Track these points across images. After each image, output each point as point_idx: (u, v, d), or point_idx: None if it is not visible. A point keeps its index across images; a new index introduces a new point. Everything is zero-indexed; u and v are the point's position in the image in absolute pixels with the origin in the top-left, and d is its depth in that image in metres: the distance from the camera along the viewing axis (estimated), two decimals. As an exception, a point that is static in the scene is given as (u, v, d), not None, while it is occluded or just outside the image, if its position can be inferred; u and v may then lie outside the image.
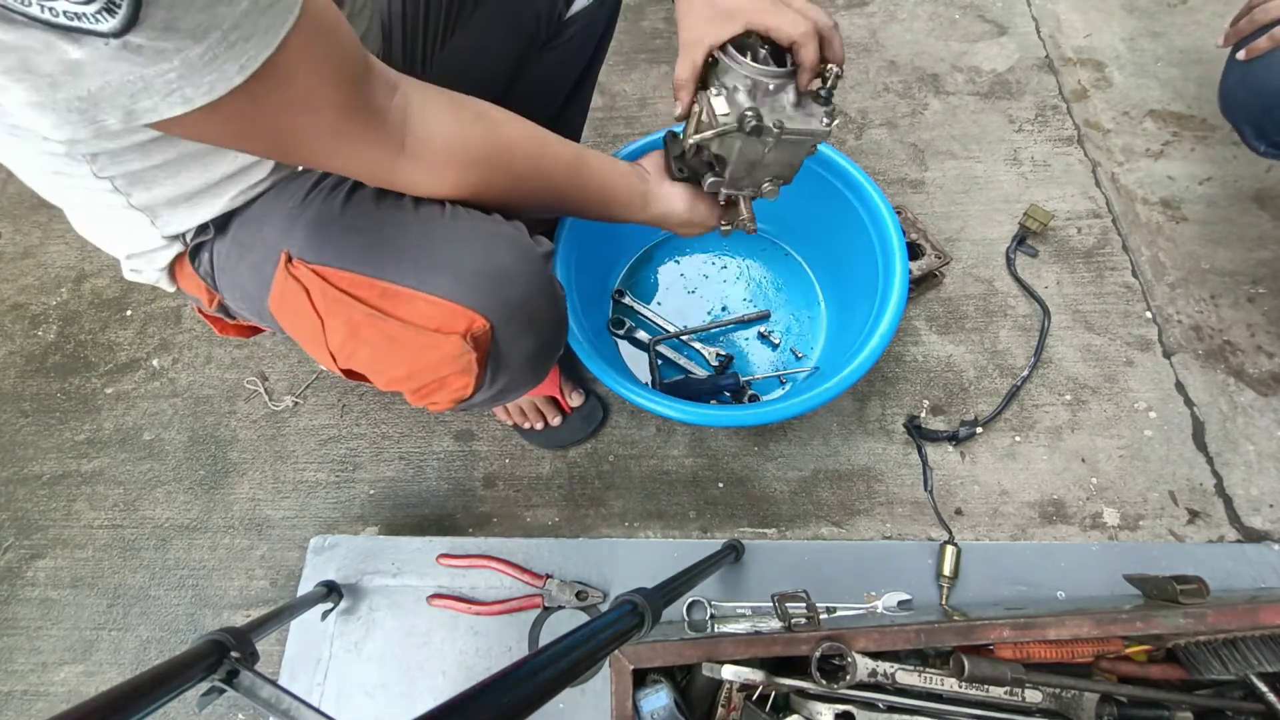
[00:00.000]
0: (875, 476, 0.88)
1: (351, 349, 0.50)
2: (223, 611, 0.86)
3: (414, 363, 0.49)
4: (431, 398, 0.52)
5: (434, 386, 0.51)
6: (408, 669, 0.79)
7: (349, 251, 0.49)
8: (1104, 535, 0.82)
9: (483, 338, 0.48)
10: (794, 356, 0.95)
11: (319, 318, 0.49)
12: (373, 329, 0.48)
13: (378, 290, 0.48)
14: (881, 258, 0.79)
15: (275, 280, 0.50)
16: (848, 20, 1.29)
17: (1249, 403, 0.88)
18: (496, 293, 0.48)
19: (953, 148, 1.12)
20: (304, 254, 0.49)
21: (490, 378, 0.52)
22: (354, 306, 0.48)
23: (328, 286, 0.48)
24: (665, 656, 0.55)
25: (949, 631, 0.54)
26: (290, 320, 0.52)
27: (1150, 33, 1.21)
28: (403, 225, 0.49)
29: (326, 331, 0.49)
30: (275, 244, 0.50)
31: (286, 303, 0.50)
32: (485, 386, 0.53)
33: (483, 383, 0.51)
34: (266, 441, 0.97)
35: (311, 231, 0.49)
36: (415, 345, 0.48)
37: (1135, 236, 1.01)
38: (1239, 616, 0.54)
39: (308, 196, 0.51)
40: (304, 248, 0.49)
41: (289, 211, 0.50)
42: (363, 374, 0.52)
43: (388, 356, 0.50)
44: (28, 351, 1.09)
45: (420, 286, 0.48)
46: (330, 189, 0.51)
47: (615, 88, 1.24)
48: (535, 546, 0.84)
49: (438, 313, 0.47)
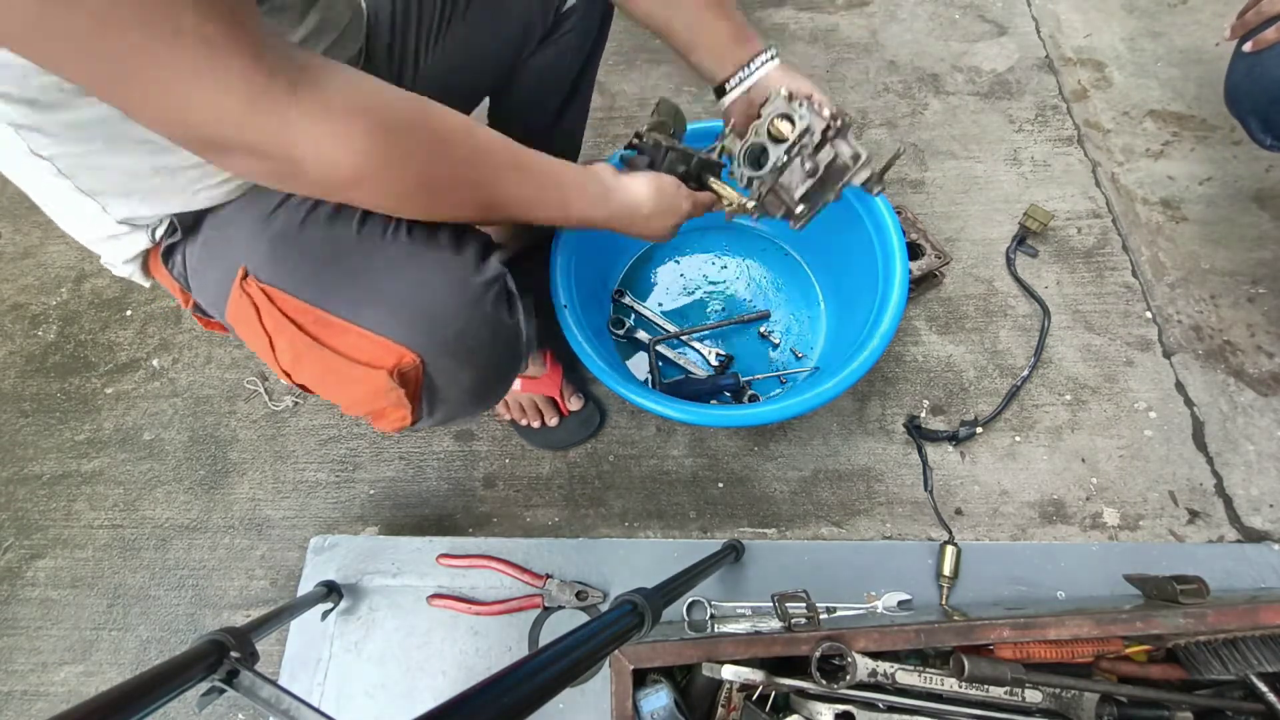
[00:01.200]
0: (875, 476, 0.88)
1: (298, 370, 0.50)
2: (223, 611, 0.86)
3: (349, 393, 0.49)
4: (378, 423, 0.52)
5: (374, 415, 0.51)
6: (408, 669, 0.79)
7: (298, 275, 0.48)
8: (1104, 535, 0.82)
9: (411, 373, 0.48)
10: (794, 356, 0.95)
11: (267, 335, 0.49)
12: (311, 357, 0.48)
13: (314, 318, 0.47)
14: (881, 258, 0.79)
15: (231, 292, 0.50)
16: (848, 20, 1.29)
17: (1249, 403, 0.88)
18: (427, 328, 0.48)
19: (953, 148, 1.12)
20: (259, 271, 0.48)
21: (427, 409, 0.52)
22: (294, 332, 0.47)
23: (272, 308, 0.48)
24: (665, 656, 0.55)
25: (949, 631, 0.54)
26: (244, 333, 0.51)
27: (1150, 33, 1.21)
28: (345, 250, 0.48)
29: (275, 349, 0.49)
30: (239, 256, 0.50)
31: (240, 316, 0.50)
32: (425, 417, 0.52)
33: (420, 414, 0.51)
34: (266, 441, 0.97)
35: (271, 248, 0.48)
36: (348, 376, 0.48)
37: (1135, 236, 1.01)
38: (1239, 616, 0.54)
39: (275, 209, 0.49)
40: (260, 264, 0.48)
41: (257, 223, 0.49)
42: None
43: (326, 384, 0.50)
44: (28, 351, 1.08)
45: (353, 319, 0.47)
46: (297, 203, 0.50)
47: (615, 88, 1.24)
48: (535, 546, 0.84)
49: (368, 346, 0.47)
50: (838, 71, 1.23)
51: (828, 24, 1.29)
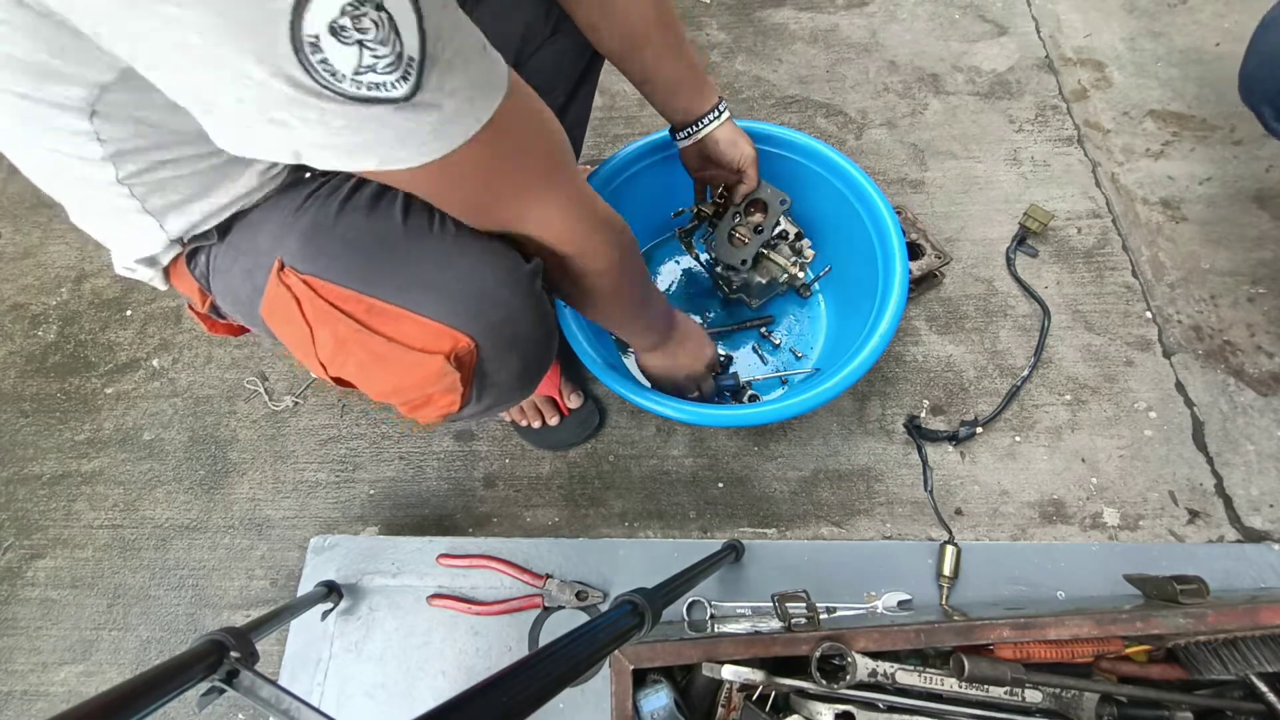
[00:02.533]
0: (875, 476, 0.88)
1: (340, 361, 0.50)
2: (223, 611, 0.86)
3: (400, 380, 0.49)
4: (419, 412, 0.52)
5: (421, 402, 0.51)
6: (408, 669, 0.79)
7: (339, 264, 0.48)
8: (1104, 535, 0.82)
9: (467, 358, 0.49)
10: (794, 356, 0.95)
11: (309, 327, 0.49)
12: (359, 344, 0.48)
13: (364, 306, 0.48)
14: (881, 258, 0.79)
15: (268, 287, 0.50)
16: (848, 20, 1.29)
17: (1249, 403, 0.88)
18: (481, 313, 0.49)
19: (953, 148, 1.12)
20: (296, 262, 0.49)
21: (476, 395, 0.53)
22: (341, 320, 0.48)
23: (316, 298, 0.48)
24: (665, 656, 0.55)
25: (949, 631, 0.54)
26: (281, 327, 0.52)
27: (1150, 33, 1.21)
28: (392, 239, 0.49)
29: (315, 342, 0.49)
30: (269, 250, 0.50)
31: (278, 310, 0.50)
32: (472, 403, 0.53)
33: (469, 400, 0.51)
34: (266, 441, 0.97)
35: (305, 240, 0.49)
36: (401, 363, 0.48)
37: (1135, 236, 1.01)
38: (1239, 616, 0.54)
39: (304, 204, 0.50)
40: (296, 256, 0.49)
41: (285, 217, 0.50)
42: (352, 384, 0.52)
43: (374, 372, 0.50)
44: (28, 351, 1.09)
45: (406, 305, 0.48)
46: (326, 196, 0.50)
47: (615, 88, 1.24)
48: (535, 546, 0.84)
49: (422, 332, 0.48)
50: (838, 71, 1.23)
51: (828, 24, 1.29)
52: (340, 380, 0.52)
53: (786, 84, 1.23)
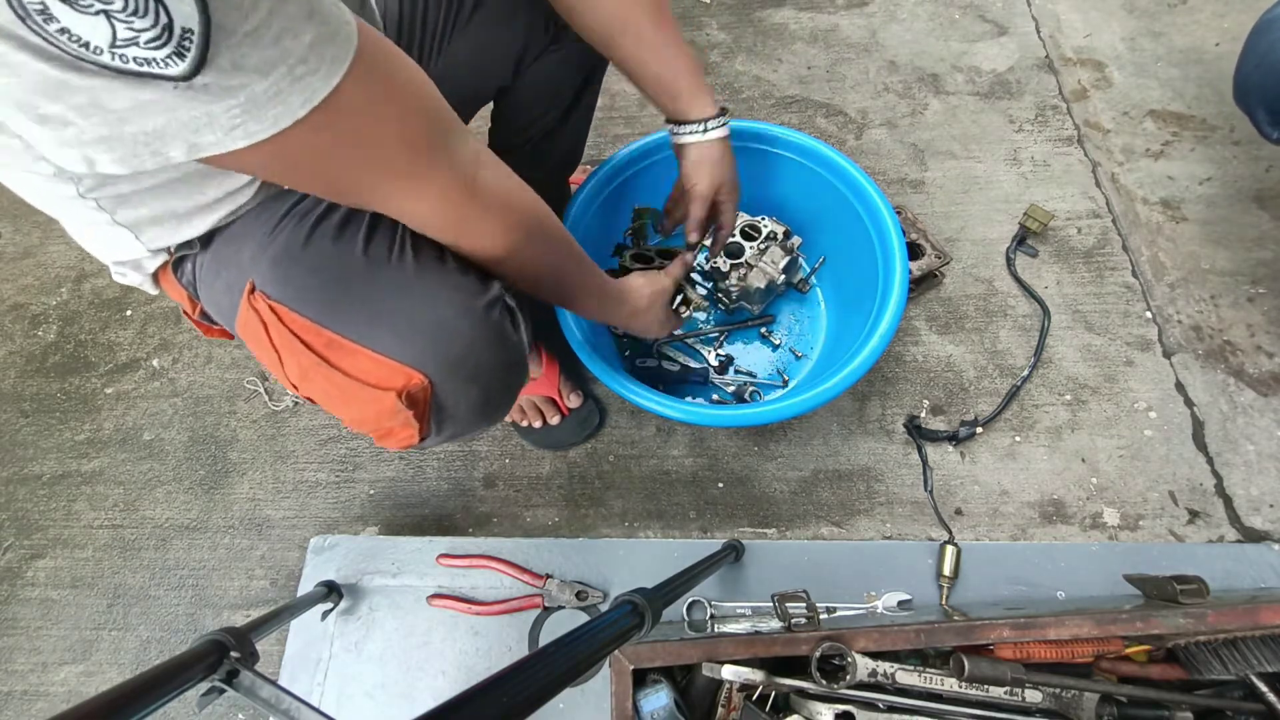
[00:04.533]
0: (875, 476, 0.88)
1: (306, 387, 0.50)
2: (223, 611, 0.86)
3: (357, 413, 0.49)
4: (384, 442, 0.52)
5: (382, 434, 0.51)
6: (408, 669, 0.79)
7: (304, 293, 0.48)
8: (1104, 535, 0.82)
9: (419, 394, 0.48)
10: (794, 356, 0.95)
11: (276, 351, 0.49)
12: (319, 375, 0.48)
13: (324, 340, 0.48)
14: (881, 258, 0.79)
15: (240, 308, 0.50)
16: (848, 20, 1.29)
17: (1249, 403, 0.88)
18: (436, 349, 0.48)
19: (953, 148, 1.12)
20: (265, 287, 0.49)
21: (436, 428, 0.52)
22: (303, 352, 0.48)
23: (281, 326, 0.48)
24: (665, 656, 0.55)
25: (949, 631, 0.54)
26: (253, 346, 0.52)
27: (1150, 33, 1.21)
28: (353, 270, 0.49)
29: (284, 364, 0.50)
30: (247, 267, 0.50)
31: (249, 330, 0.50)
32: (433, 435, 0.53)
33: (428, 433, 0.51)
34: (266, 441, 0.97)
35: (274, 266, 0.49)
36: (357, 398, 0.48)
37: (1135, 236, 1.01)
38: (1239, 616, 0.54)
39: (279, 225, 0.50)
40: (266, 280, 0.49)
41: (261, 237, 0.50)
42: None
43: (336, 403, 0.50)
44: (28, 351, 1.09)
45: (361, 341, 0.47)
46: (298, 220, 0.50)
47: (615, 88, 1.24)
48: (535, 546, 0.84)
49: (376, 369, 0.47)
50: (838, 71, 1.23)
51: (828, 24, 1.29)
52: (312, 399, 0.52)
53: (786, 84, 1.23)
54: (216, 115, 0.30)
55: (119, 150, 0.30)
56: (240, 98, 0.29)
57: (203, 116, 0.30)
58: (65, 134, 0.29)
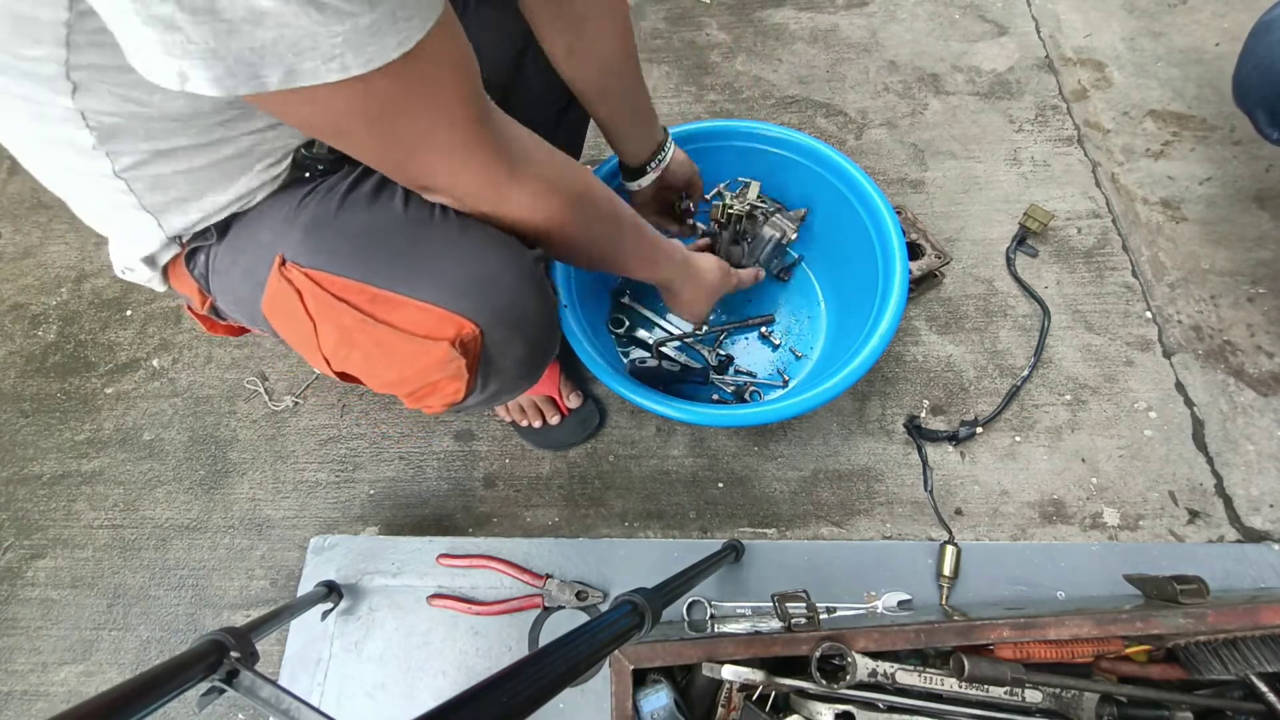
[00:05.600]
0: (875, 476, 0.88)
1: (344, 353, 0.50)
2: (223, 611, 0.86)
3: (405, 368, 0.49)
4: (424, 401, 0.52)
5: (426, 391, 0.51)
6: (408, 669, 0.79)
7: (341, 256, 0.49)
8: (1104, 535, 0.82)
9: (471, 344, 0.49)
10: (794, 356, 0.95)
11: (311, 321, 0.49)
12: (364, 334, 0.48)
13: (368, 295, 0.48)
14: (881, 258, 0.79)
15: (269, 283, 0.50)
16: (848, 20, 1.29)
17: (1249, 403, 0.88)
18: (485, 298, 0.49)
19: (953, 148, 1.12)
20: (298, 257, 0.49)
21: (482, 382, 0.53)
22: (345, 311, 0.48)
23: (319, 290, 0.48)
24: (665, 656, 0.55)
25: (949, 631, 0.54)
26: (283, 323, 0.52)
27: (1150, 33, 1.21)
28: (395, 229, 0.49)
29: (319, 335, 0.49)
30: (270, 246, 0.50)
31: (279, 305, 0.50)
32: (477, 391, 0.53)
33: (474, 387, 0.51)
34: (266, 441, 0.97)
35: (306, 234, 0.49)
36: (405, 351, 0.48)
37: (1135, 236, 1.01)
38: (1239, 616, 0.54)
39: (304, 200, 0.50)
40: (298, 251, 0.49)
41: (285, 214, 0.50)
42: (356, 377, 0.52)
43: (379, 361, 0.50)
44: (28, 351, 1.08)
45: (410, 293, 0.48)
46: (325, 193, 0.51)
47: (615, 88, 1.24)
48: (535, 546, 0.84)
49: (426, 319, 0.48)
50: (838, 71, 1.23)
51: (828, 24, 1.29)
52: (344, 375, 0.52)
53: (786, 84, 1.23)
54: (320, 40, 0.30)
55: (218, 68, 0.30)
56: (347, 25, 0.30)
57: (309, 39, 0.30)
58: (170, 39, 0.29)
